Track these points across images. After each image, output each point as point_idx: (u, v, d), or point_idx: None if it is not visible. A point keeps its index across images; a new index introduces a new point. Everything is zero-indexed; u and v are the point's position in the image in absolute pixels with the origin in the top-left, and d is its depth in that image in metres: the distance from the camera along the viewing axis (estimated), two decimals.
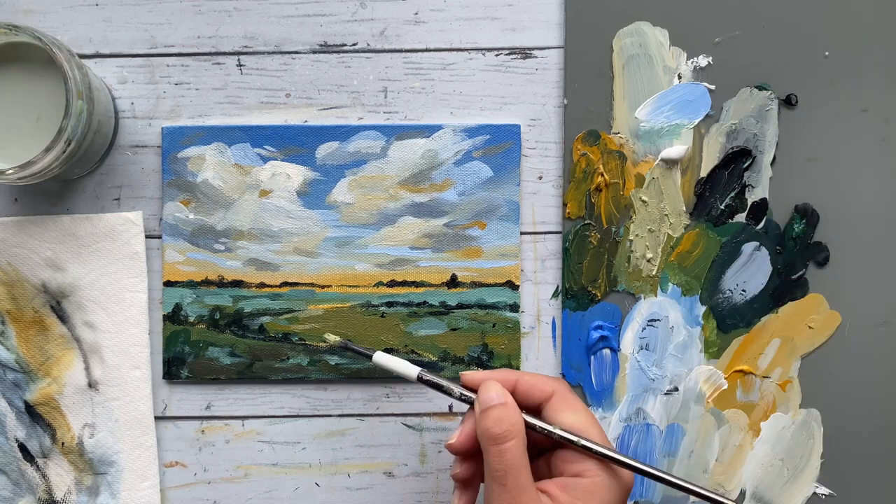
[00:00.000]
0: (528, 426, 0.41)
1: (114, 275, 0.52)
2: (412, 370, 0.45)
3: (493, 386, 0.42)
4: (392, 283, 0.52)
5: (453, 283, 0.52)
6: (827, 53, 0.52)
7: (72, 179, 0.52)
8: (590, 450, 0.41)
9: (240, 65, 0.52)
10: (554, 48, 0.52)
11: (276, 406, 0.53)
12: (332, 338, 0.47)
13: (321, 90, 0.52)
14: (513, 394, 0.42)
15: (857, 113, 0.52)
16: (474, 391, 0.43)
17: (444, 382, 0.44)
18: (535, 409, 0.43)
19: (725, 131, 0.52)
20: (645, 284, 0.52)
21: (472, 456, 0.43)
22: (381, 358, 0.45)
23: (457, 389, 0.43)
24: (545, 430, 0.41)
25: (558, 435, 0.41)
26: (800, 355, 0.52)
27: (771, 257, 0.52)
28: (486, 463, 0.40)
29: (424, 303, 0.52)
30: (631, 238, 0.52)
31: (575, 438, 0.41)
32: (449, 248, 0.52)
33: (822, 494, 0.52)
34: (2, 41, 0.47)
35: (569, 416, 0.41)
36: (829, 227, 0.52)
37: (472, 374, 0.43)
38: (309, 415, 0.53)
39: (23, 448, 0.52)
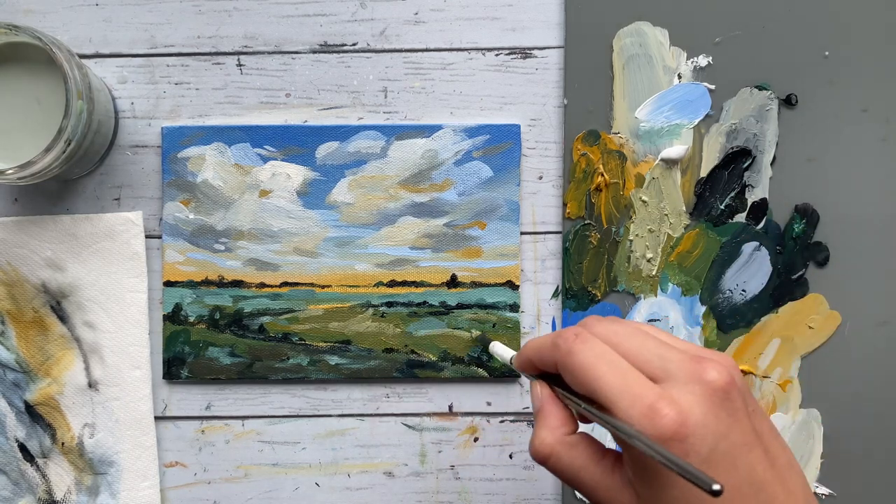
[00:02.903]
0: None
1: (114, 275, 0.52)
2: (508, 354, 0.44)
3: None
4: (392, 283, 0.52)
5: (453, 283, 0.52)
6: (827, 53, 0.52)
7: (72, 179, 0.52)
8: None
9: (240, 65, 0.52)
10: (554, 48, 0.52)
11: (276, 406, 0.53)
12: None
13: (321, 90, 0.52)
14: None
15: (857, 113, 0.52)
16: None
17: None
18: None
19: (725, 131, 0.52)
20: (645, 284, 0.52)
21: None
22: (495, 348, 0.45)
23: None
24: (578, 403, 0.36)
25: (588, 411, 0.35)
26: (800, 355, 0.52)
27: (771, 257, 0.52)
28: None
29: (424, 303, 0.52)
30: (631, 238, 0.52)
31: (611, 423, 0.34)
32: (449, 248, 0.52)
33: (823, 494, 0.52)
34: (2, 41, 0.47)
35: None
36: (829, 227, 0.52)
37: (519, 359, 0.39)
38: (309, 415, 0.53)
39: (23, 448, 0.52)
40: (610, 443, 0.51)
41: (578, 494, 0.52)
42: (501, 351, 0.45)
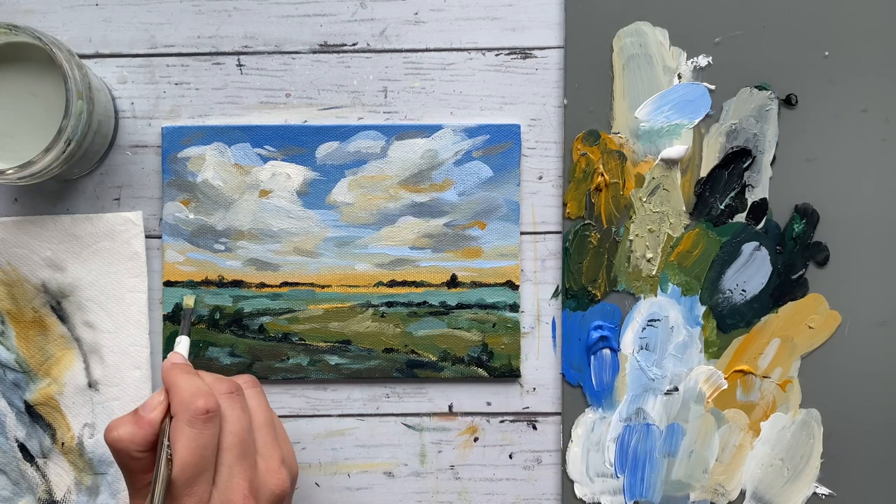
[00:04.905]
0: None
1: (114, 275, 0.52)
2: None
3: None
4: (392, 283, 0.52)
5: (453, 283, 0.52)
6: (827, 53, 0.52)
7: (72, 179, 0.52)
8: None
9: (240, 65, 0.52)
10: (554, 48, 0.52)
11: (276, 406, 0.53)
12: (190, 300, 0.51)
13: (321, 90, 0.52)
14: None
15: (857, 113, 0.52)
16: None
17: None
18: None
19: (725, 131, 0.52)
20: (645, 284, 0.52)
21: None
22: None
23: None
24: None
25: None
26: (800, 355, 0.52)
27: (771, 257, 0.52)
28: None
29: (424, 303, 0.52)
30: (631, 238, 0.52)
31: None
32: (449, 248, 0.52)
33: (822, 494, 0.52)
34: (2, 41, 0.47)
35: None
36: (829, 227, 0.52)
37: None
38: (309, 415, 0.53)
39: (23, 448, 0.52)
40: None
41: (578, 494, 0.52)
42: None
